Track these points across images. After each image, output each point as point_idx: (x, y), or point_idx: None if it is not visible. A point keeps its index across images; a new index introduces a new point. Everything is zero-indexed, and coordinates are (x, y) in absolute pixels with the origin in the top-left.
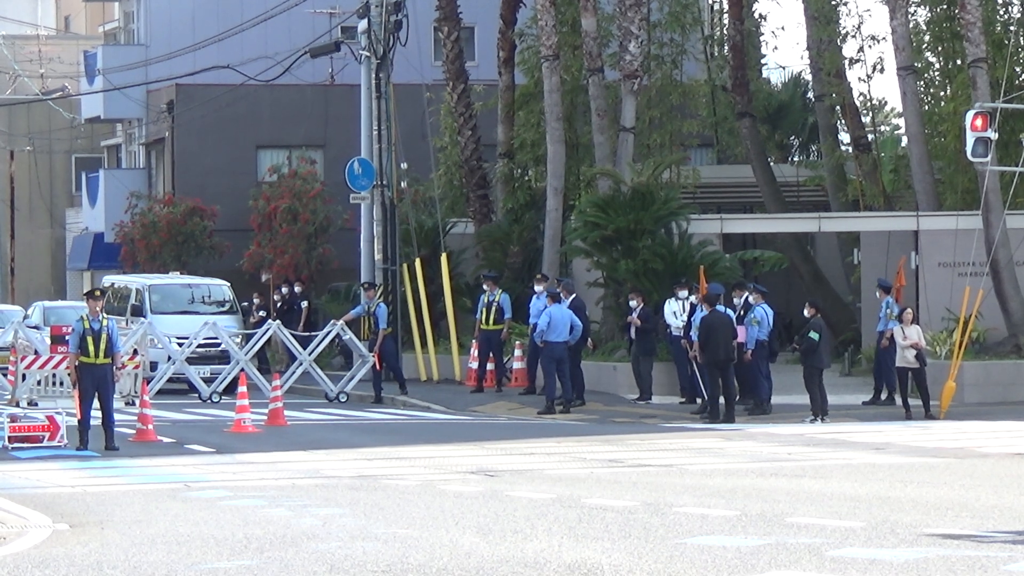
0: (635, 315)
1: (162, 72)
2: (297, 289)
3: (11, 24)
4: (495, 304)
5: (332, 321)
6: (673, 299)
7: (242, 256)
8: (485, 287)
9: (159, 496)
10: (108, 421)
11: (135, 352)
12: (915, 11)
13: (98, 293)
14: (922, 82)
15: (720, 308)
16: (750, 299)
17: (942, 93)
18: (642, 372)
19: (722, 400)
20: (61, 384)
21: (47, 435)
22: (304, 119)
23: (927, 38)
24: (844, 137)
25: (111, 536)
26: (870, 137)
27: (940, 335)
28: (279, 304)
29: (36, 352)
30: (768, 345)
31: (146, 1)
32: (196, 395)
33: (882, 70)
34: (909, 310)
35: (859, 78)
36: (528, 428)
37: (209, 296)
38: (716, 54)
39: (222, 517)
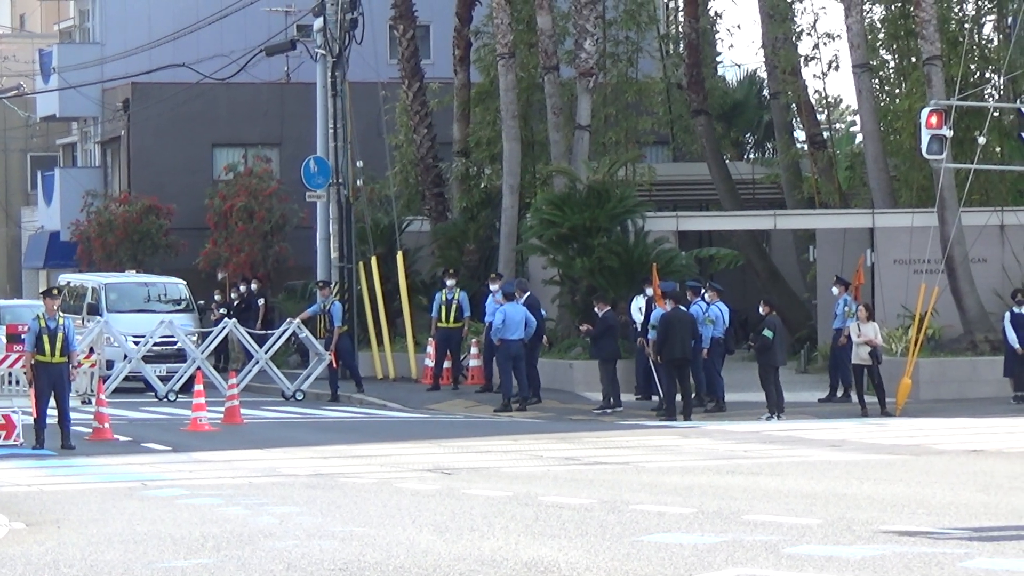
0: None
1: (118, 70)
2: (254, 287)
3: None
4: (455, 302)
5: (288, 319)
6: (640, 295)
7: (198, 254)
8: (448, 282)
9: (116, 495)
10: (64, 420)
11: (91, 351)
12: (870, 9)
13: (55, 292)
14: (877, 80)
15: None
16: (705, 297)
17: (897, 90)
18: (602, 379)
19: (679, 397)
20: (17, 383)
21: (3, 434)
22: (260, 117)
23: (882, 36)
24: (799, 135)
25: (68, 535)
26: (825, 135)
27: (896, 332)
28: (236, 302)
29: None
30: (724, 343)
31: None
32: (152, 393)
33: (837, 68)
34: (863, 307)
35: (814, 75)
36: (484, 426)
37: (165, 294)
38: (671, 52)
39: (179, 516)
